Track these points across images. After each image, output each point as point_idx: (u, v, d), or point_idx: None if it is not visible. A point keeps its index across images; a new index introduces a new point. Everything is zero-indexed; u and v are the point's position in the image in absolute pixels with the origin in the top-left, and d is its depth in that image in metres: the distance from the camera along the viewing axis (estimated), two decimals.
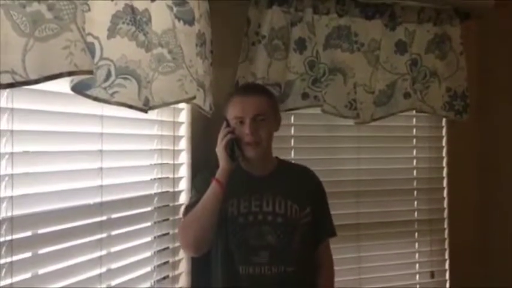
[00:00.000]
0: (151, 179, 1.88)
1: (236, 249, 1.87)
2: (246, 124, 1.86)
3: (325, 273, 2.03)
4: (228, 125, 1.88)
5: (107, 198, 1.56)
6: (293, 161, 2.39)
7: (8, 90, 1.18)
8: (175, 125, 2.01)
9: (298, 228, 1.94)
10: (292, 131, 2.45)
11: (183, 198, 2.03)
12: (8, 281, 1.19)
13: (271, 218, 1.91)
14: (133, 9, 1.40)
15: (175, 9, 1.66)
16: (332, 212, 2.37)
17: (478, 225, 2.77)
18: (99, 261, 1.53)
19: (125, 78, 1.38)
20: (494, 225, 2.78)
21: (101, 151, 1.54)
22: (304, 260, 1.95)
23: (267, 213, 1.90)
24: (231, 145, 1.85)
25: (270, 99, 1.97)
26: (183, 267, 2.02)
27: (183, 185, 2.04)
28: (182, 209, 1.97)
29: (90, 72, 1.21)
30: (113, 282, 1.61)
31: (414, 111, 2.62)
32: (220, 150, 1.86)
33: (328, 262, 2.06)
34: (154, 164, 1.90)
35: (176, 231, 1.97)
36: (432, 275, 2.70)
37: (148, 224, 1.84)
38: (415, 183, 2.72)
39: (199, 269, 1.99)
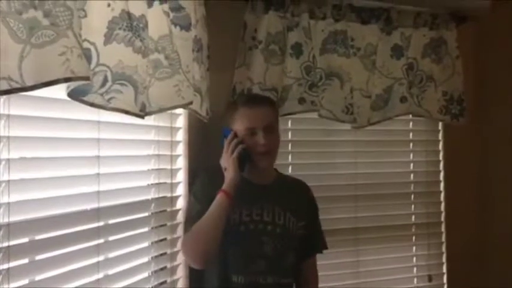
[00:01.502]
0: (148, 185, 1.88)
1: (234, 257, 1.86)
2: (259, 135, 1.86)
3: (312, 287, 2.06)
4: (236, 136, 1.88)
5: (104, 203, 1.56)
6: (290, 166, 2.41)
7: (4, 96, 1.18)
8: (173, 130, 2.01)
9: (294, 240, 1.95)
10: (290, 136, 2.45)
11: (181, 204, 2.03)
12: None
13: (271, 228, 1.91)
14: (129, 15, 1.40)
15: (171, 15, 1.66)
16: (330, 217, 2.40)
17: (476, 228, 2.77)
18: (97, 266, 1.53)
19: (122, 84, 1.38)
20: (492, 228, 2.78)
21: (98, 157, 1.54)
22: (296, 272, 1.98)
23: (267, 223, 1.91)
24: (242, 157, 1.85)
25: (276, 110, 2.00)
26: (181, 273, 2.01)
27: (181, 190, 2.04)
28: (178, 216, 1.97)
29: (87, 78, 1.21)
30: None
31: (411, 116, 2.63)
32: (229, 162, 1.84)
33: (315, 276, 2.09)
34: (152, 170, 1.89)
35: (174, 236, 1.97)
36: (430, 278, 2.70)
37: (146, 229, 1.84)
38: (412, 187, 2.72)
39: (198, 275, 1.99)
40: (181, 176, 2.05)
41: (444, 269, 2.74)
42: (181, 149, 2.05)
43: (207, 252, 1.78)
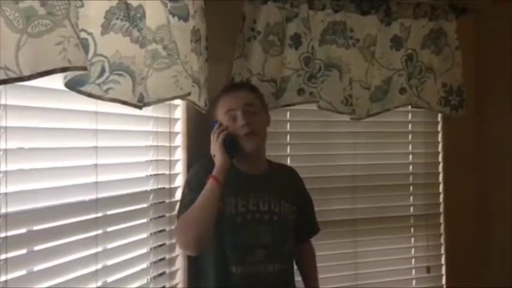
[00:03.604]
0: (147, 176, 1.88)
1: (233, 248, 1.86)
2: (238, 116, 1.87)
3: (313, 263, 2.12)
4: (221, 125, 1.90)
5: (103, 194, 1.56)
6: (289, 157, 2.41)
7: (1, 86, 1.17)
8: (171, 121, 2.01)
9: (291, 226, 1.97)
10: (288, 127, 2.45)
11: (179, 195, 2.03)
12: (2, 278, 1.19)
13: (268, 216, 1.92)
14: (127, 5, 1.39)
15: (169, 5, 1.65)
16: (328, 208, 2.40)
17: (474, 219, 2.77)
18: (95, 257, 1.53)
19: (119, 75, 1.37)
20: (490, 219, 2.78)
21: (95, 147, 1.54)
22: (292, 257, 2.02)
23: (263, 212, 1.91)
24: (227, 142, 1.86)
25: (257, 93, 2.00)
26: (180, 264, 2.02)
27: (179, 181, 2.04)
28: (177, 207, 1.97)
29: (84, 68, 1.20)
30: (109, 279, 1.61)
31: (410, 107, 2.62)
32: (216, 148, 1.86)
33: (313, 255, 2.15)
34: (150, 161, 1.89)
35: (173, 227, 1.97)
36: (428, 269, 2.71)
37: (144, 220, 1.84)
38: (411, 179, 2.72)
39: (197, 266, 1.99)
40: (179, 167, 2.05)
41: (442, 260, 2.74)
42: (179, 140, 2.05)
43: (199, 237, 1.76)
